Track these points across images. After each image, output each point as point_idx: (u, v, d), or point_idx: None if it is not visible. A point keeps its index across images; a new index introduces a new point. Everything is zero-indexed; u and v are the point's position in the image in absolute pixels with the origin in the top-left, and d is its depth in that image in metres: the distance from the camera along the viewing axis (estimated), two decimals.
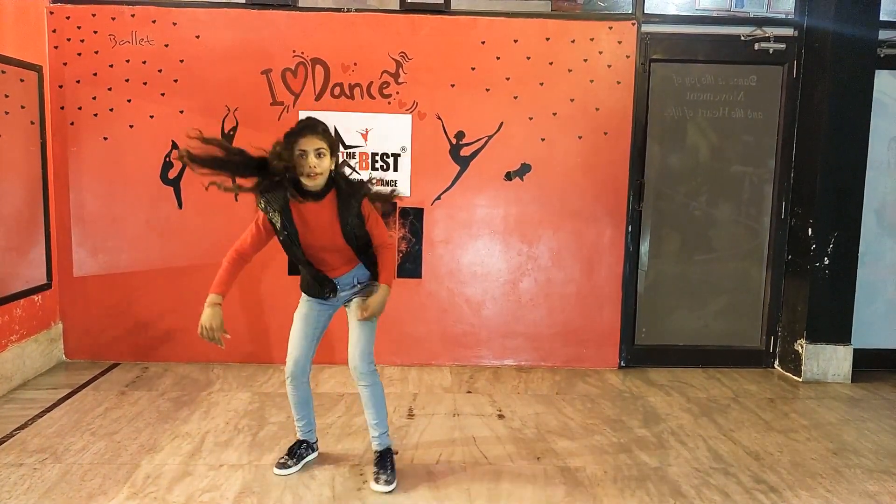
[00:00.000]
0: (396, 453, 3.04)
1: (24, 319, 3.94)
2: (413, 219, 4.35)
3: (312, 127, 2.60)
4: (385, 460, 2.83)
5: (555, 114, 4.31)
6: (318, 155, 2.58)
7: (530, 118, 4.31)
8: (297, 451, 2.96)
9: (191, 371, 4.21)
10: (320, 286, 2.81)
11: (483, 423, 3.49)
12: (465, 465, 2.99)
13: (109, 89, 4.18)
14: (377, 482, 2.76)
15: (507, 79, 4.27)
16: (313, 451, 3.03)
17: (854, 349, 4.34)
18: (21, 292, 3.91)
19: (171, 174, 4.26)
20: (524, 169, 4.35)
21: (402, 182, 4.31)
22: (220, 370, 4.24)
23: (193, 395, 3.78)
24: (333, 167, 2.68)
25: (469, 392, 3.97)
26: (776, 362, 4.59)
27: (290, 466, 2.90)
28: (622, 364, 4.52)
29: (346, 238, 2.72)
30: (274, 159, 2.61)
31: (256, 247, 2.79)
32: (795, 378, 4.38)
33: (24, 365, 3.92)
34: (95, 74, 4.18)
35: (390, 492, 2.73)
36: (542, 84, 4.29)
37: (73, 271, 4.29)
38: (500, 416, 3.60)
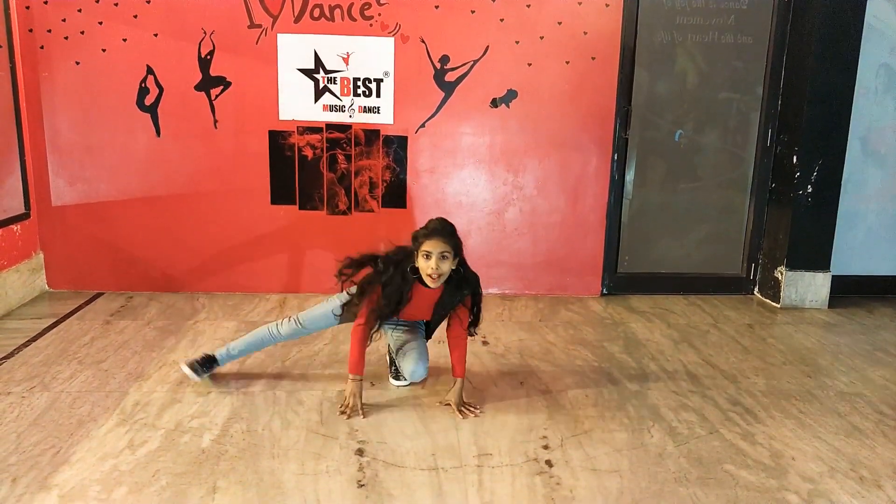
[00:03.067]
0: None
1: (3, 249, 3.90)
2: (397, 147, 4.29)
3: (440, 230, 2.67)
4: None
5: (542, 38, 4.21)
6: (442, 257, 2.64)
7: (517, 42, 4.20)
8: (210, 366, 3.06)
9: (176, 300, 4.21)
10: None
11: (468, 349, 3.53)
12: (451, 389, 3.04)
13: (79, 11, 4.01)
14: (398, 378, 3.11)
15: (493, 0, 4.14)
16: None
17: (832, 276, 4.42)
18: None
19: (148, 101, 4.14)
20: (510, 95, 4.27)
21: (385, 108, 4.23)
22: (206, 299, 4.25)
23: (179, 324, 3.80)
24: (455, 266, 2.73)
25: None
26: (756, 289, 4.67)
27: (200, 375, 3.02)
28: (604, 292, 4.58)
29: (432, 318, 2.91)
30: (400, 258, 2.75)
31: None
32: (774, 304, 4.46)
33: (6, 295, 3.89)
34: None
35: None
36: (528, 6, 4.16)
37: (52, 201, 4.22)
38: (485, 343, 3.65)
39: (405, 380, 3.07)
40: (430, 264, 2.64)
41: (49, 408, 2.77)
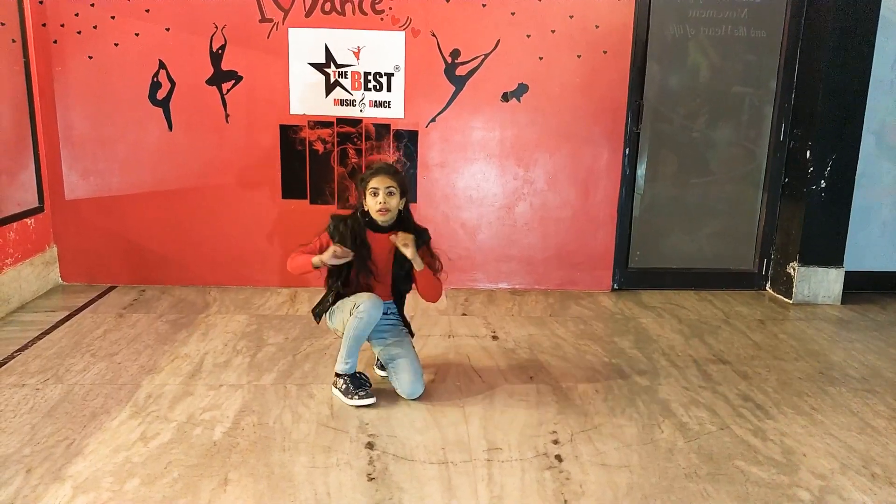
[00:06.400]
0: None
1: (17, 243, 3.93)
2: (407, 141, 4.29)
3: (385, 168, 2.86)
4: None
5: (553, 31, 4.19)
6: (389, 193, 2.79)
7: (528, 36, 4.19)
8: (365, 380, 2.90)
9: (188, 294, 4.24)
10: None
11: (477, 343, 3.55)
12: (460, 383, 3.05)
13: (92, 5, 4.03)
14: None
15: None
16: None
17: (846, 271, 4.38)
18: (13, 216, 3.88)
19: (160, 95, 4.16)
20: (521, 89, 4.26)
21: (396, 103, 4.22)
22: (217, 293, 4.27)
23: (191, 318, 3.82)
24: (402, 207, 2.90)
25: (464, 314, 4.01)
26: (768, 285, 4.64)
27: (371, 395, 2.82)
28: (615, 287, 4.57)
29: (394, 268, 2.89)
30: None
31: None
32: (786, 300, 4.43)
33: (20, 288, 3.93)
34: None
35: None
36: None
37: (65, 194, 4.25)
38: (495, 338, 3.65)
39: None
40: (378, 199, 2.78)
41: (63, 400, 2.80)
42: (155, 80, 4.14)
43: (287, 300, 4.18)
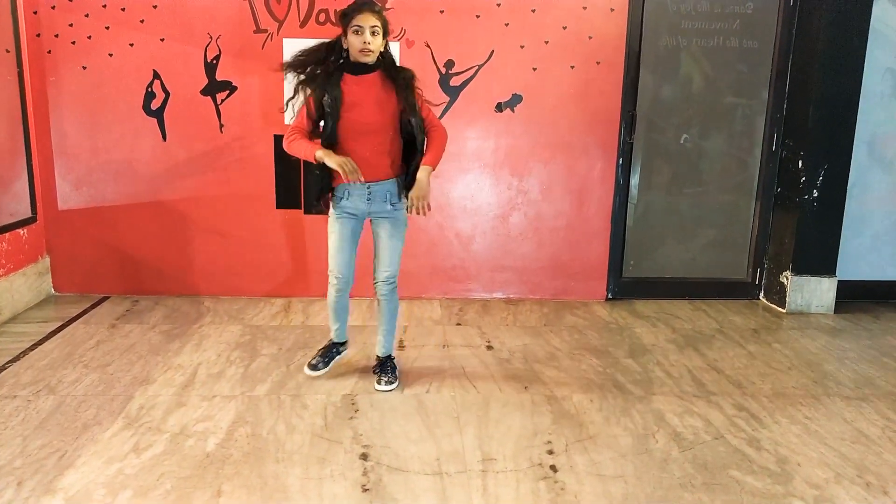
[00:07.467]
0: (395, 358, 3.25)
1: (10, 253, 3.91)
2: None
3: (369, 4, 2.72)
4: (386, 365, 3.15)
5: (547, 42, 4.21)
6: (373, 33, 2.70)
7: (522, 46, 4.21)
8: (329, 353, 3.20)
9: (181, 304, 4.22)
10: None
11: (472, 353, 3.55)
12: (455, 394, 3.05)
13: (86, 15, 4.03)
14: (380, 383, 3.08)
15: (498, 5, 4.15)
16: (345, 349, 3.27)
17: (838, 281, 4.40)
18: (6, 226, 3.87)
19: (154, 105, 4.16)
20: (515, 100, 4.27)
21: None
22: (211, 303, 4.26)
23: (184, 328, 3.81)
24: (384, 48, 2.81)
25: (458, 324, 4.01)
26: (761, 294, 4.66)
27: (320, 368, 3.13)
28: (609, 296, 4.57)
29: (399, 112, 2.80)
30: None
31: (310, 129, 2.90)
32: (780, 309, 4.44)
33: (12, 299, 3.91)
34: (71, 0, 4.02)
35: (391, 390, 3.05)
36: (533, 10, 4.17)
37: (58, 205, 4.24)
38: (489, 348, 3.65)
39: (390, 384, 3.09)
40: (363, 38, 2.68)
41: (54, 411, 2.78)
42: (149, 90, 4.14)
43: (281, 310, 4.17)
